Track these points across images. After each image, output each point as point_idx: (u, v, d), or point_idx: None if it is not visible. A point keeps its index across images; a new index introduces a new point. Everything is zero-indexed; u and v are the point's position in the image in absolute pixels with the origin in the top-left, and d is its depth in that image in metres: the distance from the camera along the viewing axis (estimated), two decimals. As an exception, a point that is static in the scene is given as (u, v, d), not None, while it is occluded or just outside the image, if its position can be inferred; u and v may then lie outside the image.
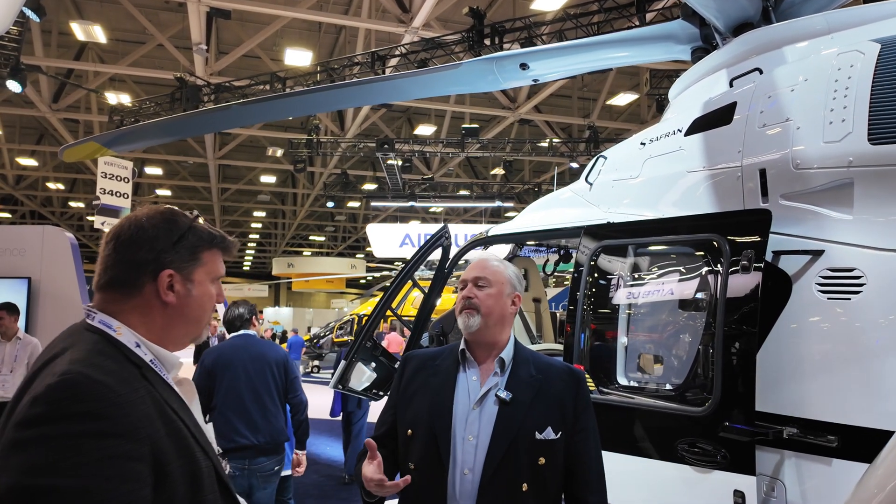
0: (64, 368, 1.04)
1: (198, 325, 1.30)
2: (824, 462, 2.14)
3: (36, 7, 9.59)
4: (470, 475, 1.73)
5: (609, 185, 3.39)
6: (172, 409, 1.15)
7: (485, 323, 1.84)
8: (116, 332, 1.17)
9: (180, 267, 1.24)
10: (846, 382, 2.17)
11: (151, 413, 1.08)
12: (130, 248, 1.21)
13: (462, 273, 1.98)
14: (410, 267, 4.17)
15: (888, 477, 1.76)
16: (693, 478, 2.39)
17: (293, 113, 5.35)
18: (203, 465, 1.15)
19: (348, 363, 4.12)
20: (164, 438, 1.08)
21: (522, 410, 1.76)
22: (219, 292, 1.34)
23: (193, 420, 1.21)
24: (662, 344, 2.94)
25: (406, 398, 1.91)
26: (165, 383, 1.19)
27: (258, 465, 3.77)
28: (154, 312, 1.22)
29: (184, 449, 1.12)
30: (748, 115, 2.65)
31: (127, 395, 1.05)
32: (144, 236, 1.21)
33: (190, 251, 1.26)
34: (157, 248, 1.21)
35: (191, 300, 1.26)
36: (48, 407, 0.99)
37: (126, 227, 1.23)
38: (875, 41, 2.41)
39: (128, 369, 1.12)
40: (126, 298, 1.21)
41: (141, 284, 1.21)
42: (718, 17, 3.14)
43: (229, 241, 1.35)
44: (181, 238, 1.24)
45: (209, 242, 1.30)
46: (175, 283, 1.23)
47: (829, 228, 2.35)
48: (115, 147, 5.34)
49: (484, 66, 3.89)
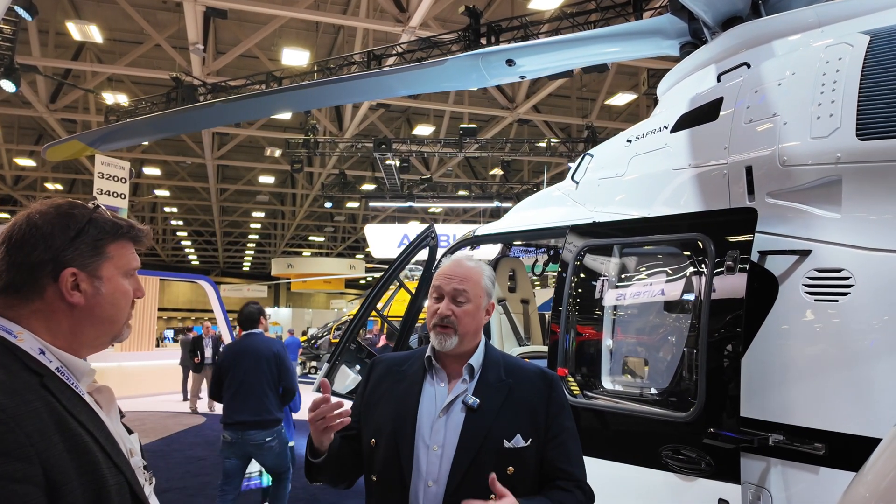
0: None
1: (113, 324, 1.20)
2: (811, 470, 2.06)
3: (28, 6, 9.53)
4: (434, 487, 1.64)
5: (595, 184, 3.31)
6: (78, 422, 1.05)
7: (461, 341, 1.74)
8: (17, 338, 1.08)
9: (83, 264, 1.14)
10: (834, 388, 2.09)
11: (47, 427, 0.99)
12: (23, 248, 1.10)
13: (436, 275, 1.84)
14: (396, 268, 4.10)
15: (877, 484, 1.68)
16: (677, 485, 2.31)
17: (281, 110, 5.29)
18: (111, 483, 1.06)
19: (332, 365, 4.04)
20: (62, 455, 0.99)
21: (490, 417, 1.67)
22: (136, 287, 1.23)
23: (105, 432, 1.12)
24: (646, 346, 2.86)
25: (370, 405, 1.82)
26: (73, 393, 1.10)
27: (249, 436, 4.74)
28: (59, 316, 1.13)
29: (87, 465, 1.03)
30: (734, 110, 2.57)
31: (13, 408, 0.96)
32: (38, 234, 1.11)
33: (92, 246, 1.15)
34: (53, 246, 1.11)
35: (101, 298, 1.16)
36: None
37: (18, 227, 1.12)
38: (864, 33, 2.32)
39: (22, 379, 1.02)
40: (26, 303, 1.11)
41: (41, 287, 1.11)
42: (707, 10, 3.05)
43: (138, 229, 1.24)
44: (80, 232, 1.14)
45: (113, 234, 1.19)
46: (80, 282, 1.13)
47: (816, 227, 2.26)
48: (100, 146, 5.26)
49: (469, 63, 3.81)
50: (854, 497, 1.77)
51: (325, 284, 39.06)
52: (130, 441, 1.21)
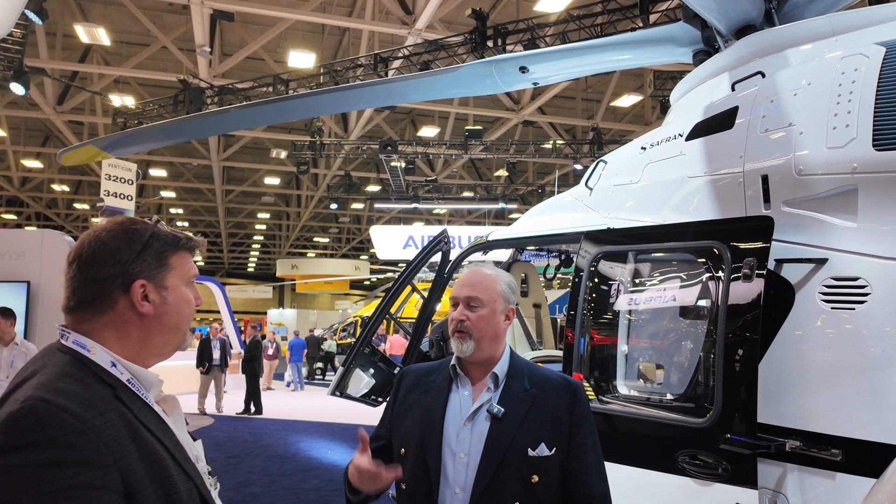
0: (26, 395, 1.00)
1: (178, 332, 1.26)
2: (828, 476, 2.09)
3: (38, 9, 9.60)
4: (461, 494, 1.67)
5: (609, 190, 3.34)
6: (149, 431, 1.10)
7: (478, 346, 1.78)
8: (91, 352, 1.13)
9: (150, 275, 1.19)
10: (851, 394, 2.12)
11: (122, 437, 1.04)
12: (93, 264, 1.16)
13: (454, 285, 1.91)
14: (410, 271, 4.13)
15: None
16: (694, 490, 2.34)
17: (292, 116, 5.32)
18: (182, 489, 1.11)
19: (346, 369, 4.08)
20: (137, 463, 1.04)
21: (514, 426, 1.70)
22: (196, 295, 1.29)
23: (174, 441, 1.16)
24: (663, 352, 2.89)
25: (400, 416, 1.86)
26: (144, 403, 1.15)
27: None
28: (129, 327, 1.18)
29: (160, 472, 1.08)
30: (750, 119, 2.60)
31: (91, 420, 1.01)
32: (106, 250, 1.17)
33: (156, 258, 1.21)
34: (121, 260, 1.17)
35: (167, 307, 1.21)
36: (6, 437, 0.95)
37: (87, 245, 1.18)
38: (880, 44, 2.35)
39: (97, 392, 1.07)
40: (98, 316, 1.16)
41: (112, 300, 1.17)
42: (720, 19, 3.08)
43: (195, 240, 1.30)
44: (145, 246, 1.20)
45: (174, 245, 1.25)
46: (149, 293, 1.19)
47: (832, 236, 2.29)
48: (115, 150, 5.31)
49: (483, 70, 3.84)
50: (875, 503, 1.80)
51: (327, 285, 39.12)
52: (196, 448, 1.26)
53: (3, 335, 5.31)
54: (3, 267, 5.67)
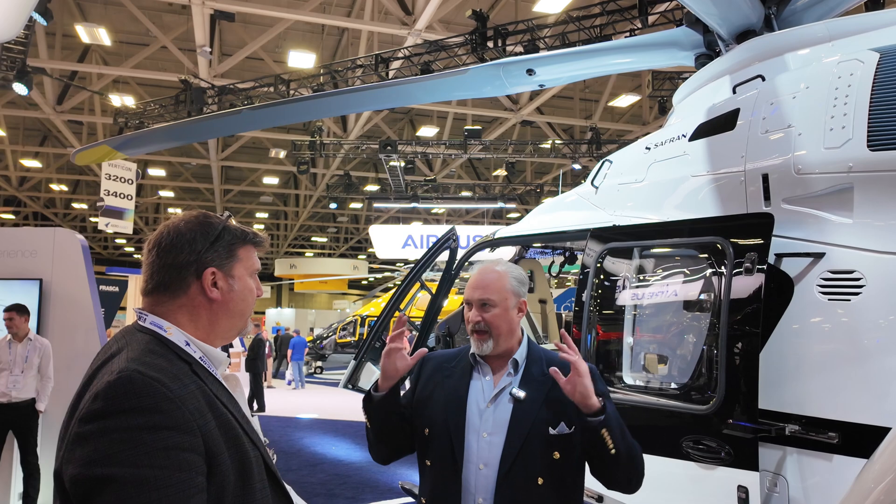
0: (121, 366, 1.12)
1: (241, 318, 1.38)
2: (825, 458, 2.20)
3: (43, 11, 9.67)
4: (486, 470, 1.80)
5: (615, 189, 3.46)
6: (222, 403, 1.22)
7: (496, 343, 1.91)
8: (167, 332, 1.25)
9: (221, 264, 1.32)
10: (847, 381, 2.24)
11: (202, 406, 1.16)
12: (172, 251, 1.29)
13: (466, 287, 2.02)
14: (419, 269, 4.25)
15: (884, 472, 1.83)
16: (698, 474, 2.46)
17: (301, 118, 5.43)
18: (251, 455, 1.23)
19: (358, 363, 4.19)
20: (215, 430, 1.16)
21: (535, 407, 1.83)
22: (258, 286, 1.42)
23: (241, 412, 1.29)
24: (668, 344, 3.00)
25: (423, 398, 1.98)
26: (214, 378, 1.27)
27: None
28: (200, 310, 1.31)
29: (233, 440, 1.19)
30: (751, 121, 2.72)
31: (178, 390, 1.13)
32: (183, 239, 1.30)
33: (227, 249, 1.34)
34: (196, 249, 1.30)
35: (234, 295, 1.34)
36: (107, 402, 1.07)
37: (165, 234, 1.31)
38: (874, 50, 2.48)
39: (178, 366, 1.19)
40: (174, 299, 1.29)
41: (186, 285, 1.29)
42: (721, 24, 3.21)
43: (261, 237, 1.43)
44: (218, 238, 1.33)
45: (243, 239, 1.38)
46: (218, 280, 1.31)
47: (829, 232, 2.42)
48: (127, 150, 5.41)
49: (491, 72, 3.96)
50: (864, 482, 1.92)
51: (323, 285, 39.14)
52: (254, 422, 1.37)
53: (18, 331, 5.40)
54: (17, 264, 5.76)
